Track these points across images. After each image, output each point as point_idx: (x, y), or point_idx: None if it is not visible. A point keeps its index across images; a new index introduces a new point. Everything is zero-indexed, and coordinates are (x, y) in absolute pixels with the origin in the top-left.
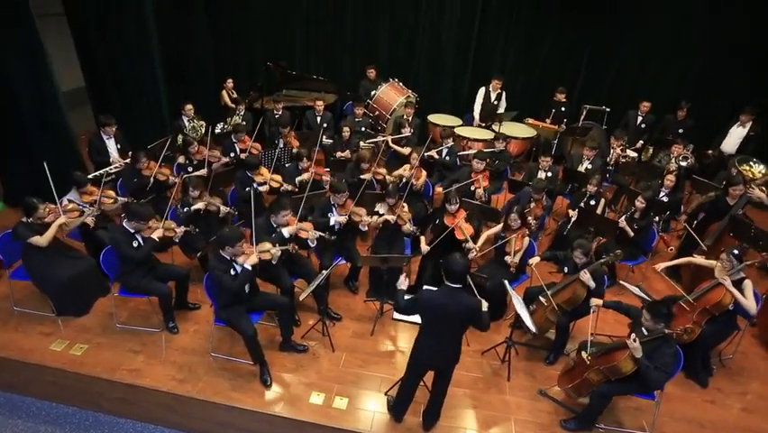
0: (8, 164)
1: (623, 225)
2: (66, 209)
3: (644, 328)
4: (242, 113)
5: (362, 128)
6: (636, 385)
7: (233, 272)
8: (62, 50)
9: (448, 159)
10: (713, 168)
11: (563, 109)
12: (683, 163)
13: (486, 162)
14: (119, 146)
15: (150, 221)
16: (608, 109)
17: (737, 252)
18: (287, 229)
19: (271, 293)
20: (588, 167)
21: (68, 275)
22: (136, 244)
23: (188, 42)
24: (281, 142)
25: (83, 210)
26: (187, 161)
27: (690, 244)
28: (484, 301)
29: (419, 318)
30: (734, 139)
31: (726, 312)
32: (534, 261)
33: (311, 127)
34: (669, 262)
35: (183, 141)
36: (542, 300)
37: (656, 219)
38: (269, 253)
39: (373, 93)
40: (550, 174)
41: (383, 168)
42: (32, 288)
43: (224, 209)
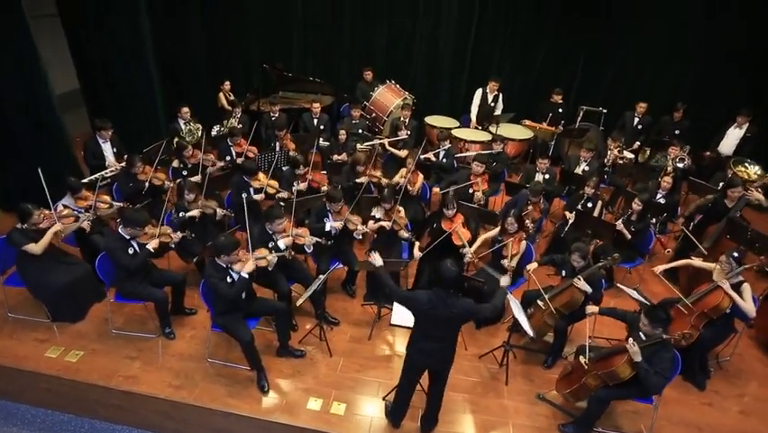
0: (2, 167)
1: (620, 227)
2: (61, 215)
3: (641, 333)
4: (239, 115)
5: (359, 130)
6: (635, 390)
7: (229, 280)
8: (57, 52)
9: (445, 161)
10: (710, 169)
11: (560, 110)
12: (680, 165)
13: (486, 165)
14: (115, 150)
15: (147, 227)
16: (605, 111)
17: (737, 254)
18: (283, 241)
19: (268, 298)
20: (585, 169)
21: (63, 281)
22: (132, 250)
23: (184, 44)
24: (277, 145)
25: (78, 215)
26: (182, 164)
27: (688, 246)
28: (504, 278)
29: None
30: (731, 140)
31: (724, 315)
32: (533, 266)
33: (308, 129)
34: (667, 265)
35: (177, 144)
36: (539, 304)
37: (653, 221)
38: (265, 260)
39: (370, 95)
40: (547, 176)
41: (379, 170)
42: (27, 294)
43: (220, 212)
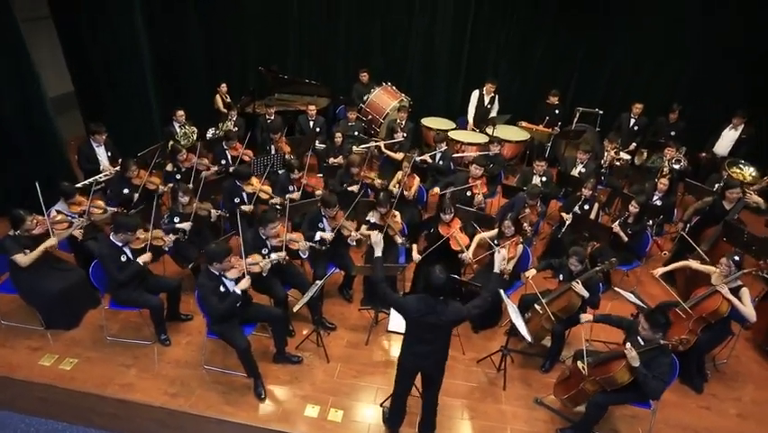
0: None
1: (617, 230)
2: (54, 220)
3: (640, 338)
4: (234, 118)
5: (355, 133)
6: (633, 394)
7: (222, 289)
8: (51, 54)
9: (441, 163)
10: (706, 170)
11: (557, 112)
12: (676, 166)
13: (484, 169)
14: (109, 153)
15: (138, 231)
16: (601, 112)
17: (738, 258)
18: (276, 255)
19: (264, 305)
20: (581, 170)
21: (57, 288)
22: (125, 258)
23: (179, 44)
24: (273, 149)
25: (71, 221)
26: (175, 168)
27: (685, 248)
28: (497, 254)
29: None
30: (726, 141)
31: (722, 318)
32: (531, 273)
33: (304, 132)
34: (666, 268)
35: (171, 148)
36: (537, 308)
37: (650, 223)
38: (258, 266)
39: (366, 97)
40: (544, 178)
41: (373, 172)
42: (20, 301)
43: (214, 213)
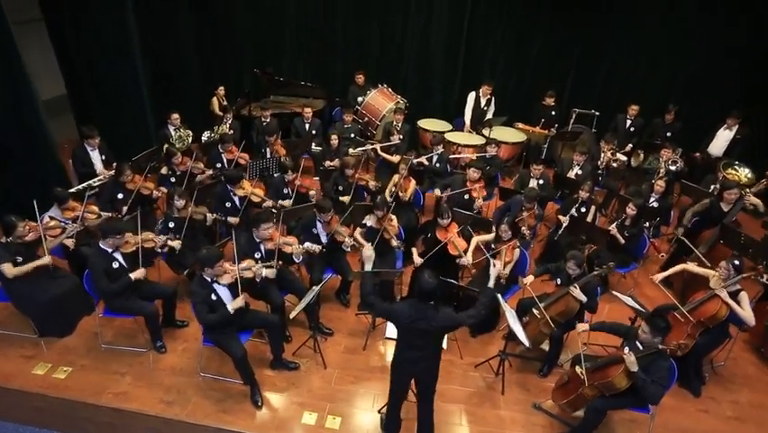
0: None
1: (614, 232)
2: (47, 227)
3: (638, 342)
4: (230, 121)
5: (351, 135)
6: (631, 399)
7: (213, 297)
8: (44, 57)
9: (438, 165)
10: (701, 171)
11: (553, 113)
12: (672, 167)
13: (482, 172)
14: (103, 157)
15: (127, 234)
16: (598, 113)
17: (738, 262)
18: (268, 271)
19: (261, 311)
20: (578, 172)
21: (50, 295)
22: (116, 264)
23: (172, 47)
24: (268, 151)
25: (65, 227)
26: (170, 171)
27: (683, 250)
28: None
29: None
30: (720, 142)
31: (720, 322)
32: (529, 279)
33: (300, 135)
34: (665, 273)
35: (167, 151)
36: (535, 313)
37: (646, 225)
38: (251, 271)
39: (362, 99)
40: (541, 181)
41: (368, 174)
42: (12, 308)
43: (210, 217)
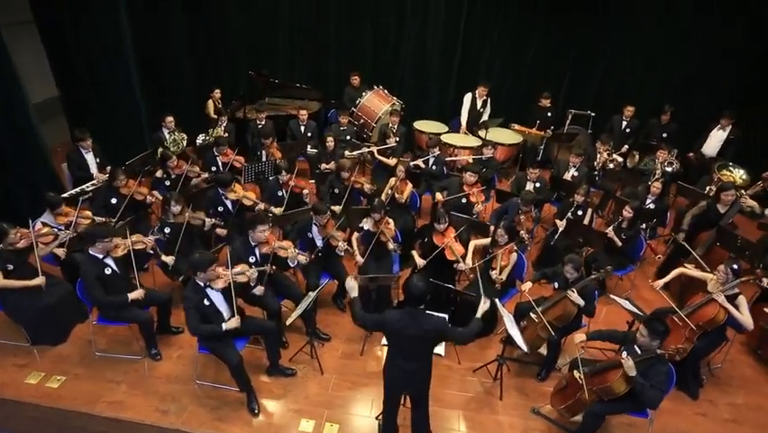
0: None
1: (611, 235)
2: (39, 234)
3: (636, 346)
4: (225, 124)
5: (347, 137)
6: (630, 404)
7: (206, 302)
8: (35, 59)
9: (435, 168)
10: (696, 172)
11: (549, 115)
12: (668, 169)
13: (478, 175)
14: (98, 160)
15: (116, 237)
16: (593, 114)
17: (737, 266)
18: (258, 289)
19: (257, 317)
20: (574, 174)
21: (42, 303)
22: (109, 270)
23: (166, 49)
24: (263, 155)
25: (57, 234)
26: (165, 174)
27: (680, 252)
28: (484, 302)
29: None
30: (714, 142)
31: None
32: (527, 286)
33: (295, 137)
34: (664, 280)
35: (162, 154)
36: (533, 317)
37: (643, 226)
38: (244, 276)
39: (358, 101)
40: (538, 184)
41: (364, 177)
42: (4, 316)
43: (208, 222)
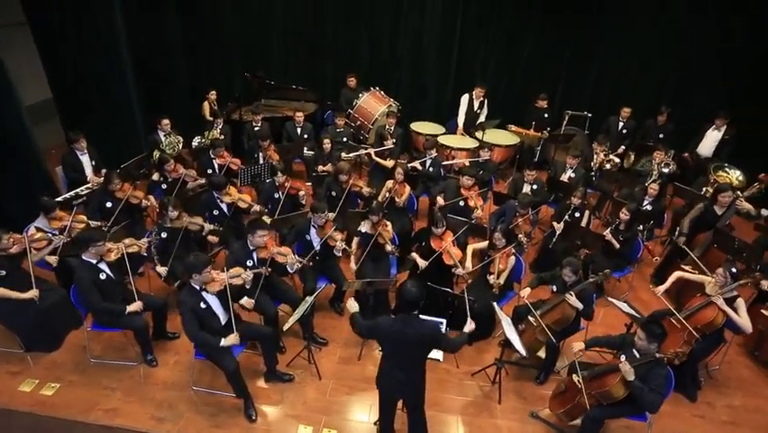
0: None
1: (609, 237)
2: (33, 239)
3: (635, 350)
4: (220, 126)
5: (344, 139)
6: (629, 408)
7: (203, 306)
8: (29, 61)
9: (431, 170)
10: (692, 172)
11: (546, 116)
12: (665, 170)
13: (475, 179)
14: (93, 163)
15: (107, 241)
16: (590, 115)
17: (735, 270)
18: (246, 301)
19: (254, 323)
20: (571, 175)
21: (36, 309)
22: (104, 276)
23: (161, 50)
24: (261, 157)
25: (51, 239)
26: (162, 178)
27: (677, 253)
28: (469, 323)
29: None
30: (709, 142)
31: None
32: (525, 292)
33: (291, 139)
34: (664, 286)
35: (159, 158)
36: (531, 321)
37: (640, 228)
38: (240, 279)
39: (354, 102)
40: (535, 186)
41: (362, 180)
42: None
43: (207, 227)
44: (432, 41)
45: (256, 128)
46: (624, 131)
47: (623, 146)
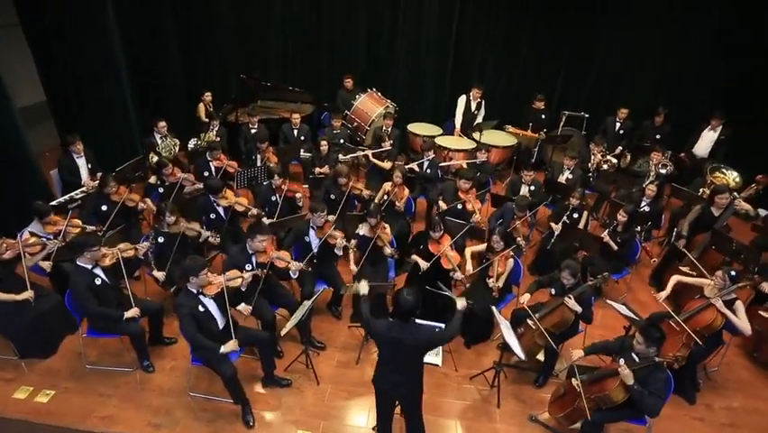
0: None
1: (607, 239)
2: (26, 244)
3: (634, 354)
4: (216, 128)
5: (341, 140)
6: (628, 411)
7: (201, 309)
8: (22, 63)
9: (429, 171)
10: (689, 173)
11: (543, 117)
12: (663, 171)
13: (472, 182)
14: (89, 165)
15: (102, 246)
16: (587, 115)
17: (735, 273)
18: (243, 307)
19: (252, 328)
20: (568, 176)
21: (30, 315)
22: (99, 281)
23: (155, 51)
24: (259, 159)
25: (45, 243)
26: (159, 181)
27: (674, 254)
28: (460, 301)
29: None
30: (705, 143)
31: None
32: (525, 298)
33: (288, 141)
34: (665, 292)
35: (157, 162)
36: (530, 324)
37: (638, 229)
38: (237, 280)
39: (351, 103)
40: (533, 188)
41: (361, 183)
42: None
43: (205, 233)
44: (429, 41)
45: (253, 130)
46: (621, 131)
47: (620, 147)
